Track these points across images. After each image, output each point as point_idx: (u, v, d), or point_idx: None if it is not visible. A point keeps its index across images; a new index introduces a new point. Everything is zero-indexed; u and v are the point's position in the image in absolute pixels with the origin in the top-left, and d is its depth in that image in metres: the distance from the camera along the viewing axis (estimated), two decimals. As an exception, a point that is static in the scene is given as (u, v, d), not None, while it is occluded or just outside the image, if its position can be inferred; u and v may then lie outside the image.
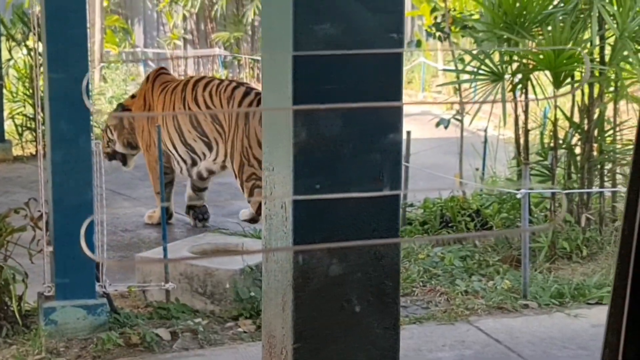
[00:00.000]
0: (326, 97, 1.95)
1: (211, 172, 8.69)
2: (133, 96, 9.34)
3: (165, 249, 6.10)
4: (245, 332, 5.80)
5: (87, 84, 5.65)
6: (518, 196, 6.77)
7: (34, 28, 6.59)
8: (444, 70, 14.82)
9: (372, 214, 2.03)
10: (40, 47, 11.80)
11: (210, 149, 8.49)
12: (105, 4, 19.81)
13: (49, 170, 5.71)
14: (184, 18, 23.50)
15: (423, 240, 7.68)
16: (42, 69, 5.79)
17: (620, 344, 1.30)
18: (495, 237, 7.58)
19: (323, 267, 2.01)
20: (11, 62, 12.90)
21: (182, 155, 8.65)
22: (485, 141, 9.45)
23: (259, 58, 22.81)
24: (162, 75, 9.11)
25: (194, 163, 8.64)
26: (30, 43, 12.30)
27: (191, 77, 9.28)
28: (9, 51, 12.65)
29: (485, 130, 9.39)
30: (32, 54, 12.21)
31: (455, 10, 9.63)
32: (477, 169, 9.24)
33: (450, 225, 7.99)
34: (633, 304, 1.25)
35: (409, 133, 8.25)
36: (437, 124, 8.65)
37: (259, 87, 8.33)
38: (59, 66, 5.50)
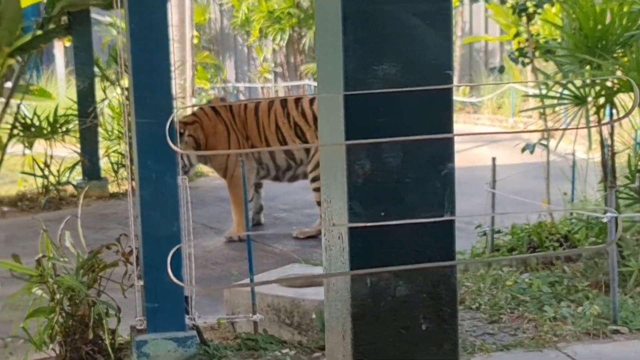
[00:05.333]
0: (380, 132, 2.02)
1: None
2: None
3: (252, 280, 6.20)
4: (332, 361, 5.85)
5: (172, 124, 5.81)
6: (604, 220, 6.70)
7: (123, 67, 6.97)
8: (527, 95, 14.71)
9: (428, 244, 2.08)
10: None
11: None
12: (195, 41, 20.25)
13: (138, 206, 5.87)
14: (274, 52, 23.84)
15: (476, 262, 7.65)
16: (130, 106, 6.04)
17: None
18: (563, 258, 7.49)
19: (380, 297, 2.07)
20: (106, 102, 13.28)
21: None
22: (574, 165, 9.35)
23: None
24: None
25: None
26: (122, 82, 12.68)
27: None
28: (104, 91, 13.05)
29: (573, 154, 9.29)
30: (124, 93, 12.61)
31: (539, 35, 9.59)
32: (565, 194, 9.14)
33: (538, 250, 7.93)
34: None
35: (494, 159, 8.23)
36: (523, 149, 8.60)
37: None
38: (145, 105, 5.68)
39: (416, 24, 2.07)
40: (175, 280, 2.09)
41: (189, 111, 10.49)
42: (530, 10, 8.98)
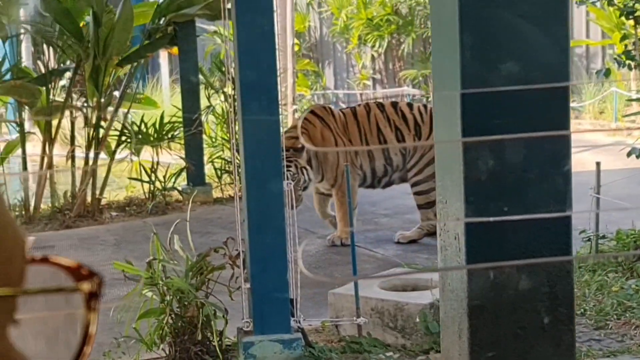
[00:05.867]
0: (495, 131, 2.05)
1: None
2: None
3: (356, 284, 6.26)
4: (435, 365, 5.87)
5: (279, 131, 5.93)
6: None
7: (229, 76, 7.19)
8: (631, 100, 14.43)
9: (543, 242, 2.10)
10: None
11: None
12: (296, 49, 20.45)
13: (244, 211, 5.99)
14: (372, 58, 23.91)
15: (593, 256, 7.53)
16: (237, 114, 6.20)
17: None
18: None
19: (496, 297, 2.09)
20: (210, 109, 13.51)
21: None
22: (682, 170, 9.16)
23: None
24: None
25: None
26: (227, 90, 12.89)
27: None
28: (208, 98, 13.29)
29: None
30: (229, 100, 12.79)
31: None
32: (673, 199, 8.97)
33: (644, 257, 7.78)
34: None
35: (598, 164, 8.12)
36: (628, 154, 8.46)
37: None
38: (252, 112, 5.80)
39: (535, 15, 2.08)
40: (305, 271, 2.15)
41: (290, 123, 10.57)
42: (638, 13, 8.82)
